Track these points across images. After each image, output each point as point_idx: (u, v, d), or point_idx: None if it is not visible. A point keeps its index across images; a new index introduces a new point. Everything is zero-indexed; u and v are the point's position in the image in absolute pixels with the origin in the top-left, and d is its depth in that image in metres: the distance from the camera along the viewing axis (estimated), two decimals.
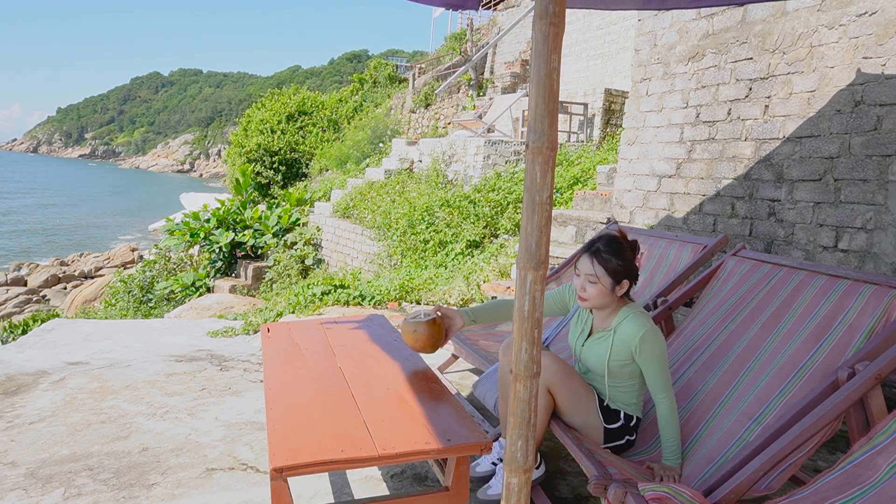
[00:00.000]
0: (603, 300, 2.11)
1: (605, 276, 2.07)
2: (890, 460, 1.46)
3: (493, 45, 15.87)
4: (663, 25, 4.76)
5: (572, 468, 2.50)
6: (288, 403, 1.99)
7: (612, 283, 2.08)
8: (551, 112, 1.27)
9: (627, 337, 2.06)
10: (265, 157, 17.02)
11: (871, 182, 3.30)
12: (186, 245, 11.73)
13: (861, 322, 1.89)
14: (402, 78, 21.42)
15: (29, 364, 3.67)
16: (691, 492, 1.52)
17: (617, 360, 2.09)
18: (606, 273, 2.07)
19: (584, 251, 2.13)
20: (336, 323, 2.98)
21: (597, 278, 2.08)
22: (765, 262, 2.41)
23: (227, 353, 4.04)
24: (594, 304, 2.12)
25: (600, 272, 2.07)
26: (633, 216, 5.03)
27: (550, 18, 1.24)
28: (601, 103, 9.71)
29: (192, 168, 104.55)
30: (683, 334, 2.53)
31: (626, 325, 2.08)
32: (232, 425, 2.87)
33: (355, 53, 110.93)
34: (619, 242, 2.10)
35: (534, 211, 1.30)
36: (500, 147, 9.02)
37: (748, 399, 2.02)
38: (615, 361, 2.10)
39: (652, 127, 4.85)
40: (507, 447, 1.41)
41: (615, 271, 2.07)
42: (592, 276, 2.08)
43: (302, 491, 2.27)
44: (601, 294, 2.09)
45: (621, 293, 2.12)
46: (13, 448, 2.58)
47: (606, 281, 2.07)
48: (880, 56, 3.24)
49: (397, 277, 6.42)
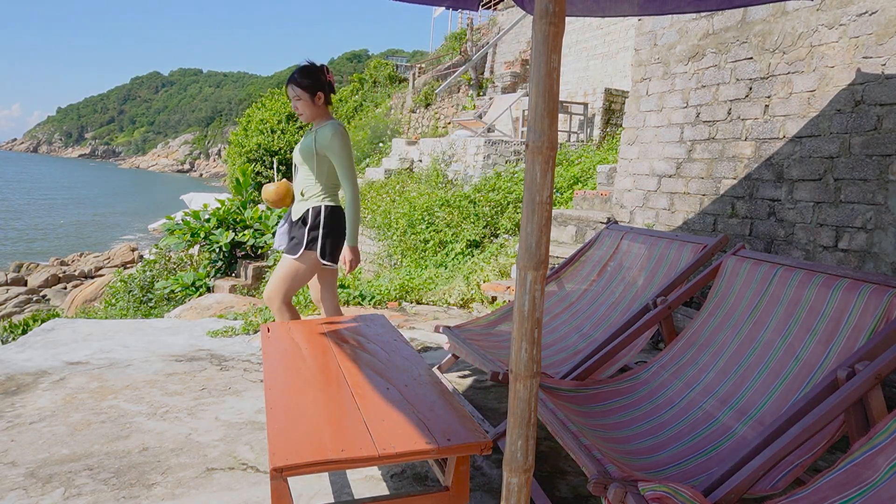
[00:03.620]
0: (311, 110, 3.05)
1: (304, 93, 3.01)
2: (890, 460, 1.46)
3: (493, 45, 15.87)
4: (663, 25, 4.76)
5: (572, 468, 2.50)
6: (288, 403, 1.99)
7: (310, 95, 3.01)
8: (551, 112, 1.27)
9: (326, 134, 3.02)
10: (265, 156, 17.01)
11: (871, 182, 3.30)
12: (186, 245, 11.72)
13: (864, 323, 1.89)
14: (402, 78, 21.42)
15: (29, 364, 3.67)
16: (691, 491, 1.52)
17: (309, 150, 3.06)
18: (304, 90, 3.00)
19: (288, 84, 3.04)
20: (336, 323, 2.98)
21: (299, 96, 3.01)
22: (764, 262, 2.41)
23: (227, 353, 4.04)
24: (308, 115, 3.06)
25: (300, 91, 3.00)
26: (633, 216, 5.03)
27: (550, 18, 1.24)
28: (601, 103, 9.71)
29: (192, 168, 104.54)
30: (687, 337, 2.53)
31: (325, 128, 3.04)
32: (232, 425, 2.87)
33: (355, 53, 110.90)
34: (308, 68, 3.02)
35: (534, 211, 1.30)
36: (500, 147, 9.02)
37: (755, 401, 2.02)
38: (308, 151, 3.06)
39: (652, 127, 4.85)
40: (507, 447, 1.41)
41: (309, 86, 3.01)
42: (296, 96, 3.01)
43: (302, 491, 2.27)
44: (307, 105, 3.03)
45: (321, 103, 3.05)
46: (13, 448, 2.58)
47: (305, 95, 3.01)
48: (880, 56, 3.24)
49: (397, 277, 6.42)
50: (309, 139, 3.08)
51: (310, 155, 3.08)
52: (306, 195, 3.13)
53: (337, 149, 3.02)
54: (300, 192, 3.15)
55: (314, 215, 3.10)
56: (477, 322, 3.55)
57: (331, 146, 3.02)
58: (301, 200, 3.16)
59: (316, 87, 3.02)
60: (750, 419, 1.97)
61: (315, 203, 3.11)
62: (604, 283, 3.32)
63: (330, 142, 3.01)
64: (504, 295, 5.27)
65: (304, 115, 3.06)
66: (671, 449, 2.04)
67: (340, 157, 3.04)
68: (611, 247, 3.47)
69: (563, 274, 3.63)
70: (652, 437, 2.14)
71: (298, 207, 3.17)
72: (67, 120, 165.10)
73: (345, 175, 3.05)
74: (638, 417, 2.26)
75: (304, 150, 3.09)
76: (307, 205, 3.13)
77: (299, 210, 3.16)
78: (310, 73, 3.02)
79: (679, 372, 2.38)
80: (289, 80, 3.03)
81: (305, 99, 3.02)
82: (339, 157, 3.04)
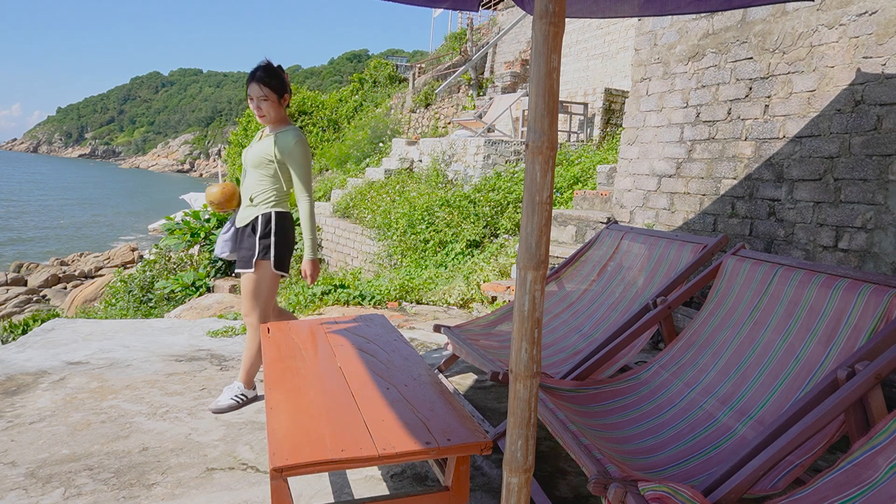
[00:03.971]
0: (276, 112, 2.89)
1: (272, 93, 2.85)
2: (890, 460, 1.46)
3: (493, 45, 15.87)
4: (663, 25, 4.76)
5: (572, 468, 2.50)
6: (288, 403, 1.99)
7: (278, 97, 2.87)
8: (551, 112, 1.27)
9: (287, 141, 2.88)
10: None
11: (871, 182, 3.30)
12: (186, 245, 11.72)
13: (864, 323, 1.89)
14: (402, 78, 21.43)
15: (29, 364, 3.67)
16: (691, 491, 1.52)
17: (269, 156, 2.90)
18: (273, 90, 2.85)
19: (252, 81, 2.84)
20: (336, 323, 2.98)
21: (266, 96, 2.84)
22: (764, 262, 2.41)
23: (227, 353, 4.04)
24: (271, 118, 2.89)
25: (267, 91, 2.84)
26: (633, 216, 5.03)
27: (550, 18, 1.24)
28: (601, 103, 9.71)
29: (193, 168, 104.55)
30: (687, 337, 2.53)
31: (287, 134, 2.90)
32: (232, 425, 2.87)
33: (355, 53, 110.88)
34: (274, 67, 2.86)
35: (534, 211, 1.30)
36: (500, 147, 9.02)
37: (755, 401, 2.02)
38: (265, 157, 2.90)
39: (652, 126, 4.85)
40: (507, 447, 1.41)
41: (277, 87, 2.86)
42: (263, 95, 2.84)
43: (302, 491, 2.27)
44: (273, 107, 2.87)
45: (285, 105, 2.93)
46: (13, 448, 2.58)
47: (274, 96, 2.86)
48: (880, 56, 3.24)
49: (397, 277, 6.42)
50: (267, 144, 2.91)
51: (266, 161, 2.91)
52: (256, 201, 2.96)
53: (298, 157, 2.89)
54: (249, 198, 2.97)
55: (264, 223, 2.94)
56: (477, 322, 3.55)
57: (292, 154, 2.88)
58: (249, 206, 2.97)
59: (283, 89, 2.89)
60: (750, 419, 1.97)
61: (265, 210, 2.95)
62: (604, 283, 3.32)
63: (292, 149, 2.88)
64: (504, 295, 5.27)
65: (268, 118, 2.89)
66: (671, 449, 2.04)
67: (301, 165, 2.91)
68: (611, 247, 3.47)
69: (563, 274, 3.63)
70: (652, 437, 2.14)
71: (246, 213, 2.99)
72: (67, 120, 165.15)
73: (303, 186, 2.92)
74: (638, 417, 2.26)
75: (260, 155, 2.92)
76: (256, 211, 2.96)
77: (247, 216, 2.98)
78: (276, 73, 2.87)
79: (679, 372, 2.38)
80: (254, 79, 2.84)
81: (273, 100, 2.86)
82: (300, 166, 2.91)
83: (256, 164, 2.93)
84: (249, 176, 2.97)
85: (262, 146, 2.92)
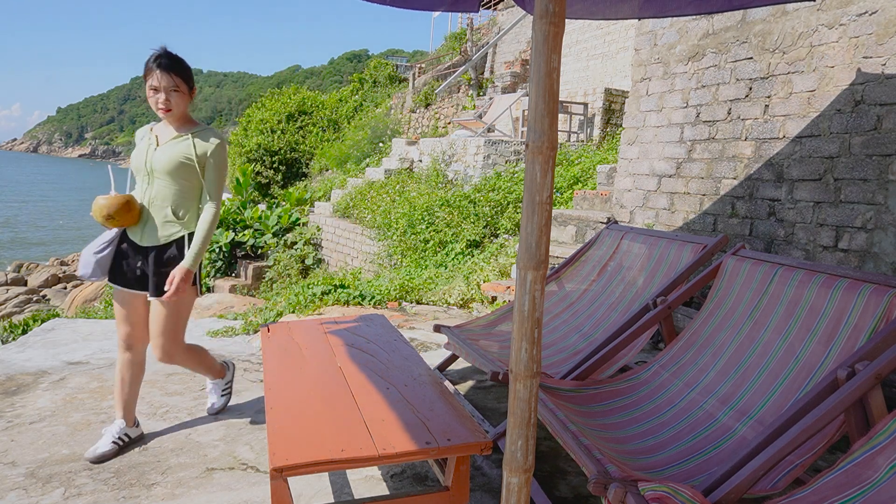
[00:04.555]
0: (185, 105, 2.52)
1: (183, 84, 2.48)
2: (890, 460, 1.46)
3: (493, 45, 15.87)
4: (663, 25, 4.76)
5: (572, 468, 2.50)
6: (288, 403, 1.99)
7: (188, 88, 2.51)
8: (551, 112, 1.27)
9: (209, 142, 2.54)
10: (265, 156, 17.01)
11: (871, 182, 3.30)
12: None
13: (864, 323, 1.89)
14: (402, 78, 21.42)
15: (29, 364, 3.67)
16: (691, 491, 1.52)
17: (190, 160, 2.51)
18: (184, 80, 2.48)
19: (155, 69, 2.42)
20: (336, 323, 2.98)
21: (177, 87, 2.46)
22: (764, 262, 2.41)
23: (227, 353, 4.04)
24: (178, 111, 2.50)
25: (179, 81, 2.46)
26: (633, 216, 5.03)
27: (550, 18, 1.24)
28: (601, 103, 9.71)
29: None
30: (687, 337, 2.53)
31: (205, 133, 2.56)
32: (232, 425, 2.87)
33: (355, 53, 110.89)
34: (177, 56, 2.48)
35: (534, 211, 1.30)
36: (500, 147, 9.02)
37: (755, 401, 2.02)
38: (185, 160, 2.50)
39: (652, 126, 4.85)
40: (507, 447, 1.41)
41: (188, 78, 2.50)
42: (173, 86, 2.45)
43: (302, 491, 2.27)
44: (184, 101, 2.50)
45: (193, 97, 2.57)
46: (13, 448, 2.58)
47: (185, 87, 2.49)
48: (880, 56, 3.24)
49: (397, 277, 6.42)
50: (184, 146, 2.51)
51: (186, 166, 2.51)
52: (181, 215, 2.56)
53: (221, 160, 2.57)
54: (171, 212, 2.54)
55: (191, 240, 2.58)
56: (477, 322, 3.55)
57: (215, 156, 2.54)
58: (170, 222, 2.54)
59: (191, 80, 2.54)
60: (750, 419, 1.97)
61: (192, 226, 2.59)
62: (604, 283, 3.32)
63: (216, 151, 2.54)
64: (504, 295, 5.27)
65: (175, 113, 2.49)
66: (671, 449, 2.04)
67: (220, 170, 2.58)
68: (611, 247, 3.47)
69: (563, 274, 3.63)
70: (652, 437, 2.14)
71: (167, 231, 2.55)
72: (67, 120, 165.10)
73: (216, 192, 2.59)
74: (638, 417, 2.26)
75: (177, 160, 2.50)
76: (183, 228, 2.56)
77: (169, 234, 2.55)
78: (183, 62, 2.49)
79: (679, 372, 2.39)
80: (160, 67, 2.42)
81: (184, 91, 2.49)
82: (219, 171, 2.57)
83: (172, 171, 2.50)
84: (160, 185, 2.52)
85: (178, 149, 2.51)
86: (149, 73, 2.44)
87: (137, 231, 2.57)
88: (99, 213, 2.47)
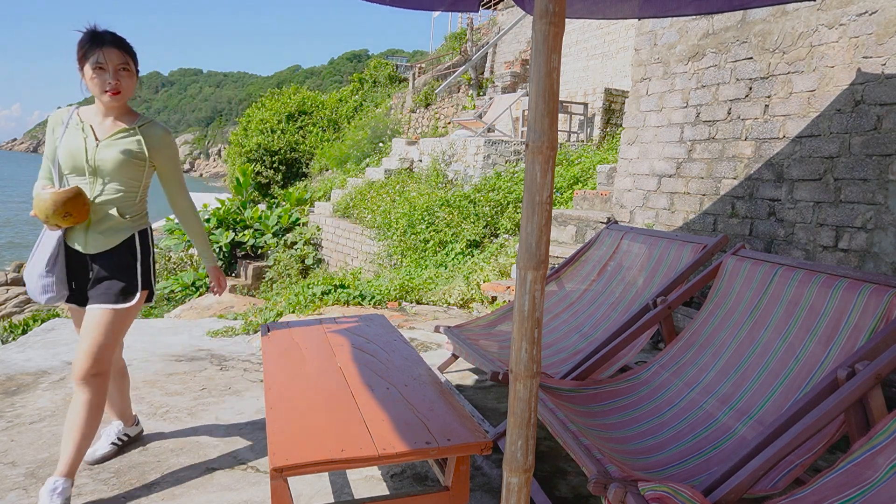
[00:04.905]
0: (132, 91, 2.19)
1: (133, 64, 2.16)
2: (890, 460, 1.46)
3: (493, 45, 15.87)
4: (663, 25, 4.76)
5: (572, 468, 2.50)
6: (288, 403, 1.99)
7: (136, 71, 2.20)
8: (551, 112, 1.27)
9: (159, 135, 2.26)
10: (265, 156, 17.02)
11: (871, 182, 3.30)
12: (186, 245, 11.73)
13: (864, 323, 1.89)
14: (402, 77, 21.43)
15: (29, 364, 3.67)
16: (691, 491, 1.52)
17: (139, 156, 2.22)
18: (133, 61, 2.17)
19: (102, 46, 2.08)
20: (336, 323, 2.98)
21: (128, 65, 2.14)
22: (764, 262, 2.41)
23: (227, 353, 4.04)
24: (126, 96, 2.19)
25: (130, 60, 2.15)
26: (633, 216, 5.03)
27: (550, 18, 1.24)
28: (601, 103, 9.71)
29: (193, 168, 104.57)
30: (687, 337, 2.53)
31: (155, 126, 2.28)
32: (232, 425, 2.87)
33: (355, 53, 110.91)
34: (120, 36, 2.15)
35: (534, 211, 1.30)
36: (500, 147, 9.02)
37: (755, 401, 2.02)
38: (133, 158, 2.21)
39: (652, 126, 4.85)
40: (507, 447, 1.41)
41: (136, 59, 2.19)
42: (126, 64, 2.13)
43: (302, 491, 2.27)
44: (133, 84, 2.18)
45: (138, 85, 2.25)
46: (13, 448, 2.58)
47: (134, 69, 2.17)
48: (880, 56, 3.24)
49: (397, 277, 6.42)
50: (130, 141, 2.22)
51: (135, 162, 2.23)
52: (129, 216, 2.28)
53: (174, 153, 2.34)
54: (117, 213, 2.25)
55: (143, 242, 2.34)
56: (477, 322, 3.55)
57: (167, 150, 2.30)
58: (119, 223, 2.25)
59: (138, 64, 2.22)
60: (750, 419, 1.97)
61: (141, 226, 2.33)
62: (604, 283, 3.32)
63: (168, 145, 2.30)
64: (504, 295, 5.27)
65: (121, 97, 2.16)
66: (671, 449, 2.04)
67: (176, 165, 2.36)
68: (611, 247, 3.47)
69: (563, 274, 3.63)
70: (652, 437, 2.14)
71: (115, 234, 2.26)
72: None
73: (181, 187, 2.39)
74: (638, 417, 2.26)
75: (124, 156, 2.20)
76: (131, 229, 2.29)
77: (117, 237, 2.26)
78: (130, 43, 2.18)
79: (679, 372, 2.39)
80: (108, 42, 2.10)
81: (133, 73, 2.18)
82: (175, 166, 2.36)
83: (120, 170, 2.21)
84: (105, 185, 2.22)
85: (123, 144, 2.21)
86: (89, 50, 2.09)
87: (80, 237, 2.24)
88: (52, 210, 2.08)
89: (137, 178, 2.27)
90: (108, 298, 2.23)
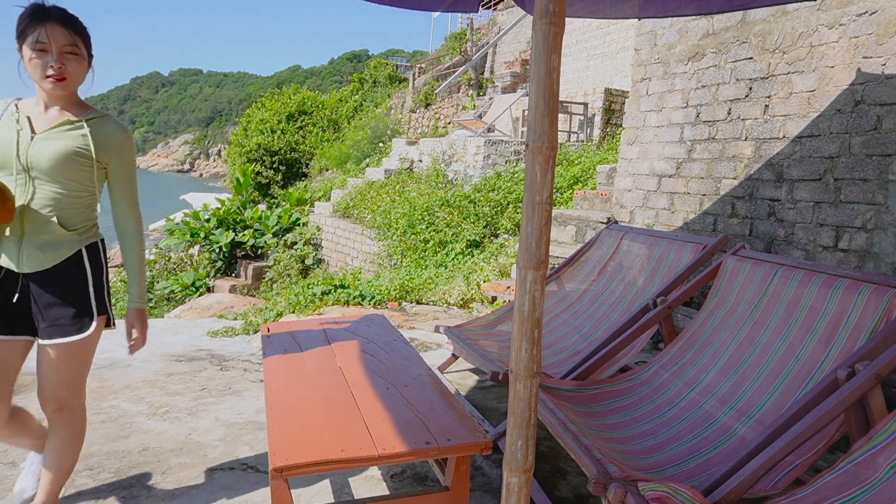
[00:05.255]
0: (81, 78, 1.84)
1: (83, 48, 1.81)
2: (890, 460, 1.46)
3: (493, 45, 15.87)
4: (663, 25, 4.76)
5: (572, 468, 2.50)
6: (288, 403, 1.99)
7: (88, 56, 1.85)
8: (551, 112, 1.27)
9: (112, 133, 1.90)
10: (265, 156, 17.03)
11: (871, 182, 3.30)
12: (186, 245, 11.74)
13: (864, 323, 1.89)
14: (402, 78, 21.43)
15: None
16: (691, 491, 1.52)
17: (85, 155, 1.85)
18: (85, 45, 1.82)
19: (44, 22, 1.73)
20: (336, 323, 2.98)
21: (76, 49, 1.79)
22: (764, 262, 2.41)
23: (227, 353, 4.04)
24: (73, 84, 1.83)
25: (80, 42, 1.80)
26: (633, 216, 5.03)
27: (550, 18, 1.24)
28: (601, 103, 9.71)
29: (192, 168, 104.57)
30: (687, 337, 2.53)
31: (108, 122, 1.91)
32: (232, 425, 2.87)
33: (355, 53, 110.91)
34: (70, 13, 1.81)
35: (534, 211, 1.30)
36: (500, 147, 9.02)
37: (755, 401, 2.02)
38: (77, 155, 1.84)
39: (652, 126, 4.85)
40: (507, 447, 1.41)
41: (88, 43, 1.84)
42: (74, 45, 1.78)
43: (302, 491, 2.27)
44: (82, 71, 1.83)
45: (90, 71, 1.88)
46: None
47: (84, 53, 1.82)
48: (880, 56, 3.24)
49: (397, 277, 6.42)
50: (76, 136, 1.85)
51: (78, 159, 1.85)
52: (74, 226, 1.91)
53: (130, 157, 1.97)
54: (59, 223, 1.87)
55: (93, 258, 1.97)
56: (477, 322, 3.55)
57: (122, 151, 1.94)
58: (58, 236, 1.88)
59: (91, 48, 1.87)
60: (750, 419, 1.97)
61: (91, 239, 1.97)
62: (604, 283, 3.32)
63: (123, 145, 1.93)
64: (504, 295, 5.27)
65: (70, 85, 1.82)
66: (671, 449, 2.04)
67: (130, 171, 1.98)
68: (611, 247, 3.47)
69: (563, 274, 3.63)
70: (652, 437, 2.14)
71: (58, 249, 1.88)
72: None
73: (134, 196, 2.02)
74: (638, 417, 2.26)
75: (68, 154, 1.83)
76: (78, 243, 1.93)
77: (56, 252, 1.88)
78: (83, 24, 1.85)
79: (679, 372, 2.39)
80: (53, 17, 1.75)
81: (83, 57, 1.82)
82: (129, 172, 1.98)
83: (59, 168, 1.83)
84: (40, 187, 1.83)
85: (68, 139, 1.84)
86: (28, 26, 1.74)
87: (11, 251, 1.85)
88: None
89: (82, 182, 1.88)
90: (63, 331, 1.89)
